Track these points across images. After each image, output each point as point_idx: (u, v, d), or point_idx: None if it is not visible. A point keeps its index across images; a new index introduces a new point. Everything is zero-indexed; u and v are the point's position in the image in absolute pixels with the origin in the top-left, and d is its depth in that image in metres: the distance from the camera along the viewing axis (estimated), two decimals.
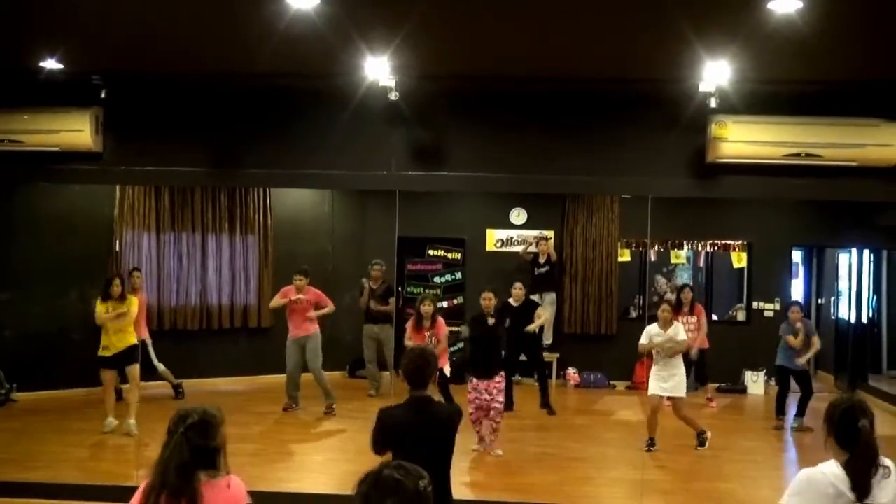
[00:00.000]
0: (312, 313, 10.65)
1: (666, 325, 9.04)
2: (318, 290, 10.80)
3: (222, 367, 11.98)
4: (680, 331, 9.12)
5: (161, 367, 10.88)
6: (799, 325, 10.18)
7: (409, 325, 9.86)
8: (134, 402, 9.23)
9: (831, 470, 3.53)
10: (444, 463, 4.45)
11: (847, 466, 3.50)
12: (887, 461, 3.58)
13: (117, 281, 9.34)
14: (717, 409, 11.03)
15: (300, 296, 10.56)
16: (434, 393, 5.79)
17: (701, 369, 11.35)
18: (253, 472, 7.58)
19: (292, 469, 8.20)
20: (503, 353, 9.72)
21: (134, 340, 9.35)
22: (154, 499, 3.32)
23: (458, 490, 7.32)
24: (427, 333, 9.61)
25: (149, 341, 10.89)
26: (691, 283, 11.66)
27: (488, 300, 9.41)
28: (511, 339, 10.45)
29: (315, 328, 10.72)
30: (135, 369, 9.30)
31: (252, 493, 3.67)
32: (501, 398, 8.78)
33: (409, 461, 3.89)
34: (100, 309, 9.21)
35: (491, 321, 9.31)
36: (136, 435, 8.96)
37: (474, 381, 8.76)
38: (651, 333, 9.04)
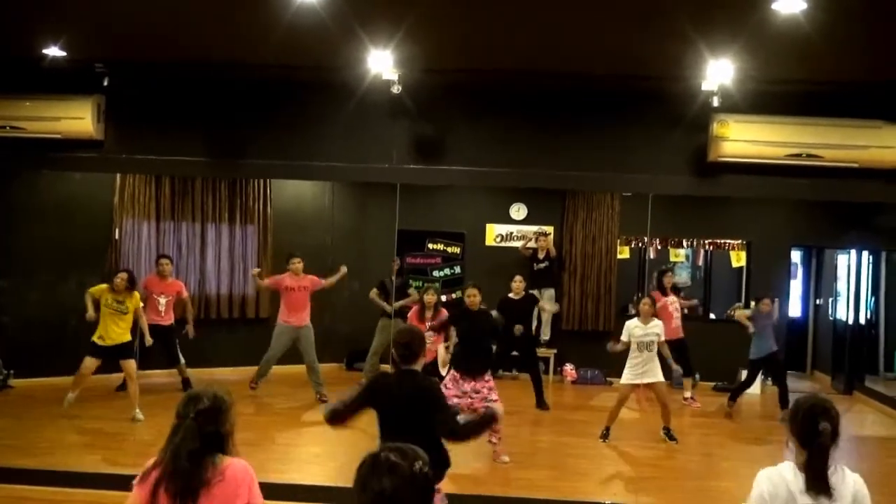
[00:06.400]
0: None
1: (647, 319, 9.05)
2: (313, 276, 10.85)
3: (220, 356, 12.02)
4: (660, 326, 9.11)
5: (181, 360, 10.93)
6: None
7: (411, 315, 9.86)
8: (135, 394, 9.26)
9: (786, 473, 3.54)
10: (430, 428, 4.61)
11: (805, 466, 3.51)
12: (841, 467, 3.55)
13: (123, 275, 9.31)
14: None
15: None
16: None
17: (684, 358, 11.23)
18: (250, 462, 7.58)
19: (286, 461, 8.19)
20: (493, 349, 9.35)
21: (129, 338, 9.36)
22: (164, 484, 3.20)
23: (451, 484, 7.36)
24: (428, 323, 9.59)
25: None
26: (671, 268, 11.84)
27: (473, 297, 8.65)
28: (505, 335, 10.07)
29: (307, 320, 10.75)
30: (129, 364, 9.30)
31: None
32: (495, 396, 8.10)
33: (396, 426, 4.42)
34: (101, 291, 9.25)
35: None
36: (142, 421, 9.07)
37: (457, 378, 8.18)
38: (630, 328, 9.08)
